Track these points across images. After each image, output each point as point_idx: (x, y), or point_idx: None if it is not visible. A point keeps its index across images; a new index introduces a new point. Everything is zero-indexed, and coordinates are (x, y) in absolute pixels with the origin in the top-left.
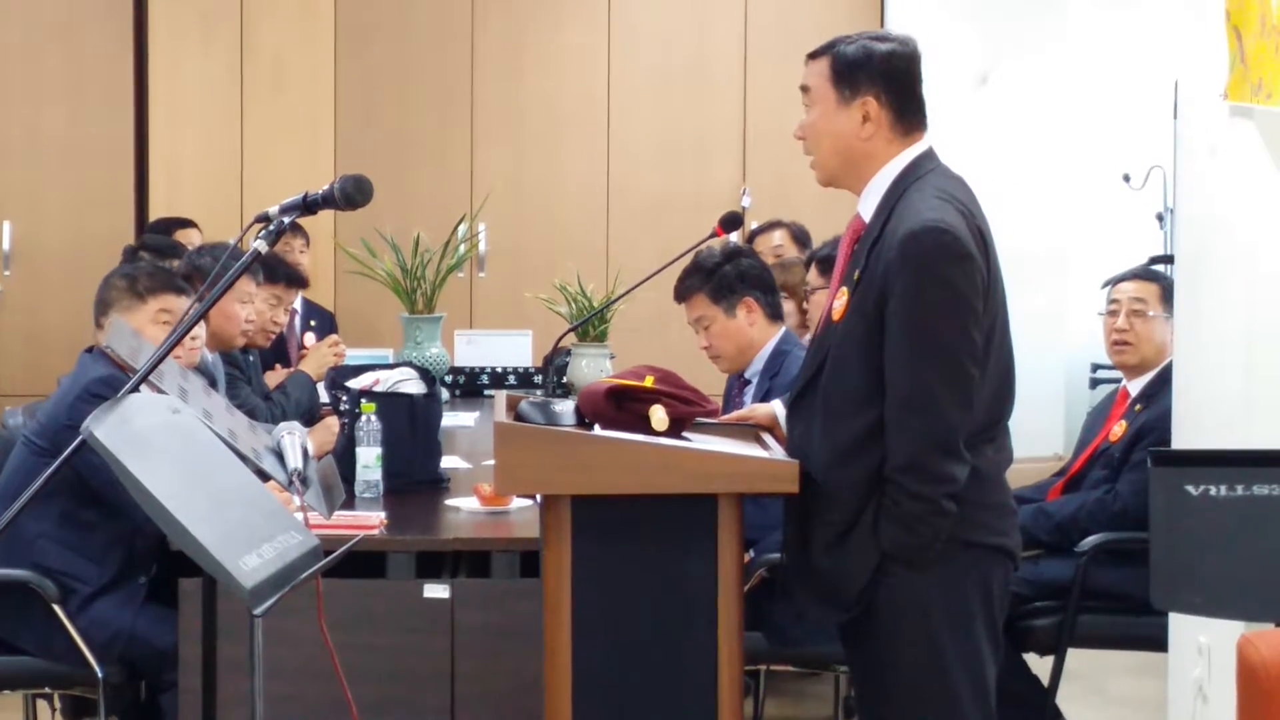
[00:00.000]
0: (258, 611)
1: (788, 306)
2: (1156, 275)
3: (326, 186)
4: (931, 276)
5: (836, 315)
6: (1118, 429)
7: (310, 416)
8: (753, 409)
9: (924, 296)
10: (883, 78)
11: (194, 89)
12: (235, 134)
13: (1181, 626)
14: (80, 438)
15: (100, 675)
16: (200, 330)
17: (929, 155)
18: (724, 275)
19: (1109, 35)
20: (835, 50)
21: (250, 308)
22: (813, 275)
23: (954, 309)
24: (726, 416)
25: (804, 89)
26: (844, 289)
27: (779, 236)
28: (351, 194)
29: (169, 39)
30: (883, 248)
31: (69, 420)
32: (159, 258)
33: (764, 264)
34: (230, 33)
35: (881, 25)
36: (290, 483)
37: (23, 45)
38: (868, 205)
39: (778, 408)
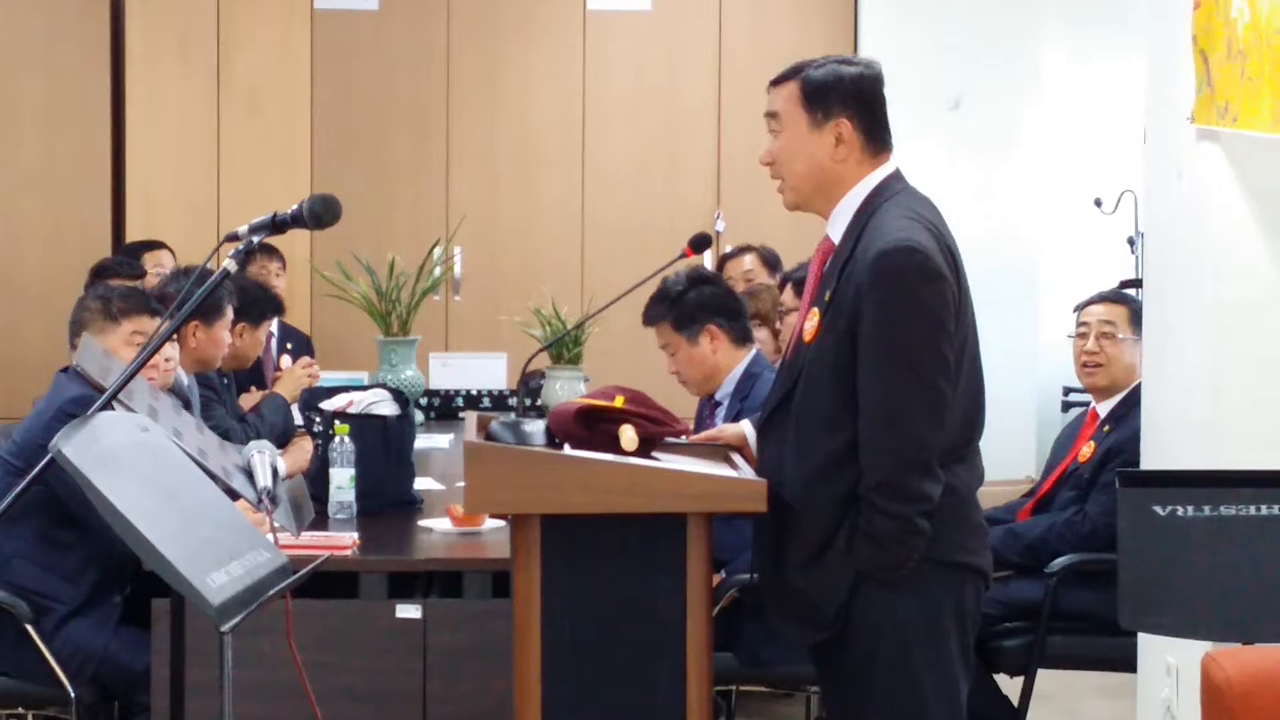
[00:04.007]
0: (225, 628)
1: (760, 334)
2: (1125, 298)
3: (295, 206)
4: (903, 296)
5: (808, 336)
6: (1086, 450)
7: (284, 438)
8: (722, 429)
9: (896, 316)
10: (854, 100)
11: (171, 113)
12: (212, 158)
13: (1150, 647)
14: (48, 456)
15: (73, 696)
16: (174, 351)
17: (896, 176)
18: (685, 304)
19: (1080, 60)
20: (804, 74)
21: (232, 335)
22: (788, 296)
23: (926, 328)
24: (696, 436)
25: (771, 115)
26: (815, 310)
27: (749, 261)
28: (320, 213)
29: (146, 63)
30: (854, 268)
31: (43, 440)
32: (122, 278)
33: (728, 289)
34: (207, 56)
35: (855, 49)
36: (259, 501)
37: (2, 68)
38: (837, 227)
39: (747, 428)
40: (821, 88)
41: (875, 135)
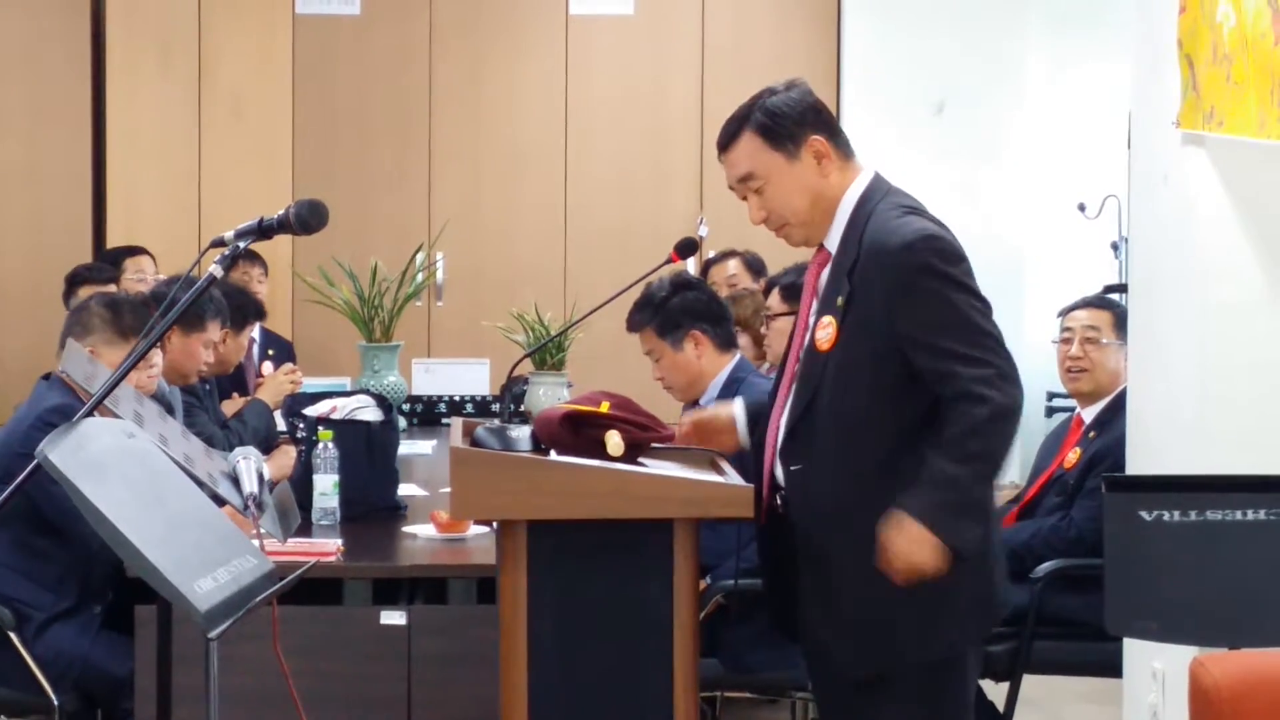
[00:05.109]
0: (212, 635)
1: (742, 340)
2: (1109, 303)
3: (282, 211)
4: (937, 278)
5: (824, 345)
6: (1072, 456)
7: (267, 444)
8: (715, 409)
9: (937, 296)
10: (811, 115)
11: (152, 117)
12: (193, 162)
13: (1136, 652)
14: (34, 463)
15: (56, 703)
16: (157, 358)
17: (879, 179)
18: (670, 310)
19: (1063, 64)
20: (752, 121)
21: (212, 352)
22: (774, 301)
23: (967, 299)
24: (690, 414)
25: (744, 178)
26: (829, 318)
27: (733, 266)
28: (306, 218)
29: (127, 67)
30: (865, 268)
31: (22, 449)
32: (98, 285)
33: (712, 294)
34: (188, 61)
35: (838, 55)
36: (246, 507)
37: None
38: (833, 236)
39: (737, 408)
40: (779, 121)
41: (842, 140)
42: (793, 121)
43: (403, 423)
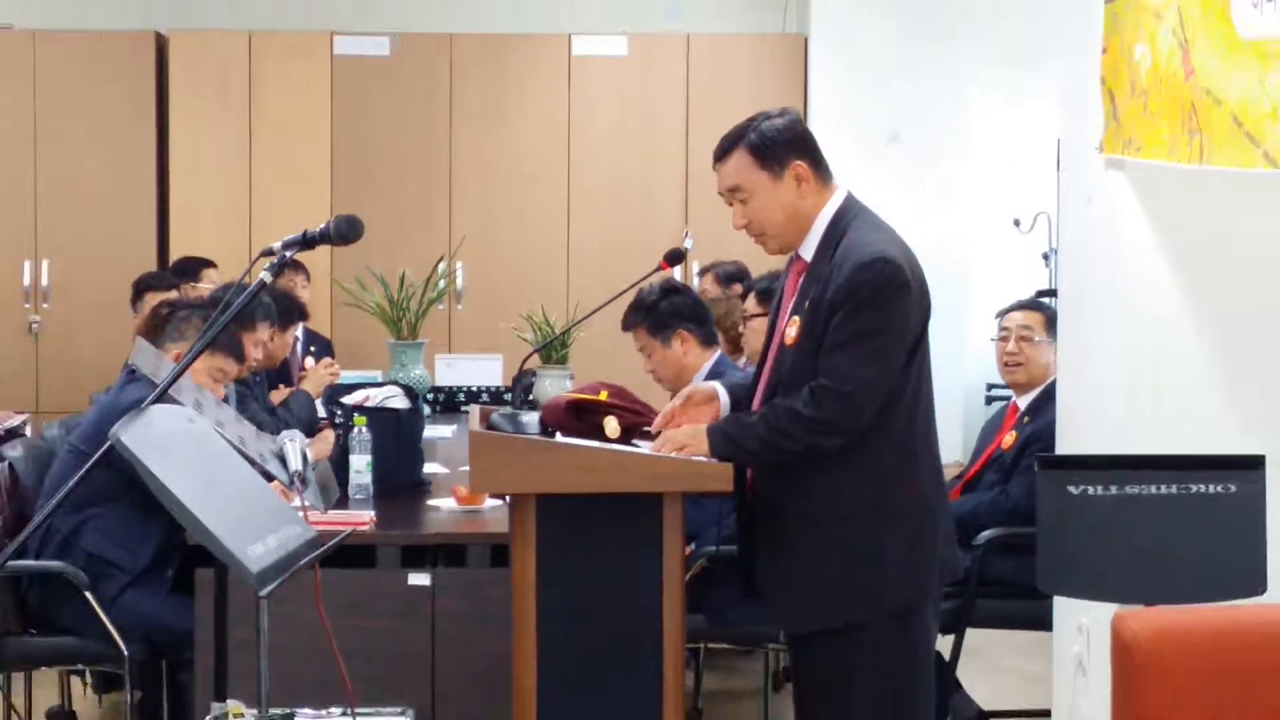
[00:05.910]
0: (263, 593)
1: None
2: (1041, 305)
3: (323, 225)
4: (875, 300)
5: (789, 341)
6: (1008, 438)
7: (309, 429)
8: (695, 385)
9: (866, 315)
10: (798, 142)
11: (210, 145)
12: (245, 183)
13: (1064, 609)
14: (108, 443)
15: (126, 654)
16: (228, 365)
17: (852, 198)
18: (659, 312)
19: (1002, 98)
20: (745, 141)
21: (261, 349)
22: (751, 303)
23: (888, 329)
24: (677, 397)
25: (733, 189)
26: (796, 317)
27: (707, 281)
28: (345, 231)
29: (187, 102)
30: (832, 277)
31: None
32: (161, 291)
33: (696, 298)
34: (241, 96)
35: (805, 92)
36: (291, 482)
37: (62, 107)
38: (808, 247)
39: (716, 384)
40: (768, 145)
41: (822, 165)
42: (781, 146)
43: (427, 410)
